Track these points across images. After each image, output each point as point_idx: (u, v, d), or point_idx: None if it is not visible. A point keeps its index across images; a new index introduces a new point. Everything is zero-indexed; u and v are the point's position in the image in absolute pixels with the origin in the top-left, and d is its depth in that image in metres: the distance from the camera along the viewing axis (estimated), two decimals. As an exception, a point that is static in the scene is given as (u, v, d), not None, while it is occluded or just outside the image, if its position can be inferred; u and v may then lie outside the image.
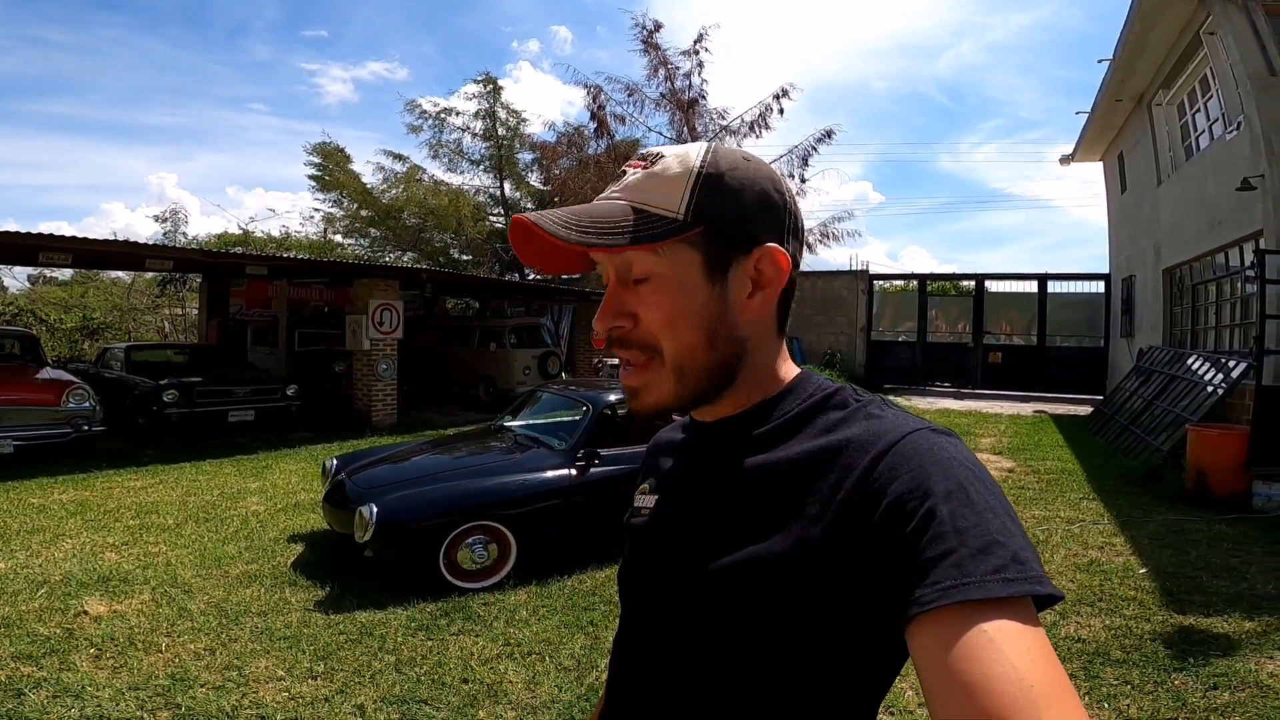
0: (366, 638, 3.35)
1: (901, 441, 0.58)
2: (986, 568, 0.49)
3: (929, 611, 0.49)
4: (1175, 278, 9.55)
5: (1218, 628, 3.54)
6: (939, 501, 0.53)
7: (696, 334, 0.65)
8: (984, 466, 0.58)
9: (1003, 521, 0.52)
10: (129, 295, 18.54)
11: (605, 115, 11.72)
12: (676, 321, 0.64)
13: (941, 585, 0.49)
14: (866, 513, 0.56)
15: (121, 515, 5.38)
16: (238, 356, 11.87)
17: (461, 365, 13.89)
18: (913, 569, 0.51)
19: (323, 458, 8.02)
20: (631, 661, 0.75)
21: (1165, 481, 6.51)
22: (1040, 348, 14.47)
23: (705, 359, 0.66)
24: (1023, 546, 0.51)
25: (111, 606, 3.58)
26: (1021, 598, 0.48)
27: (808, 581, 0.58)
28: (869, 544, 0.55)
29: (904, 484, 0.55)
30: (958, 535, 0.51)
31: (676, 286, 0.64)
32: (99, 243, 7.39)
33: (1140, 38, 7.96)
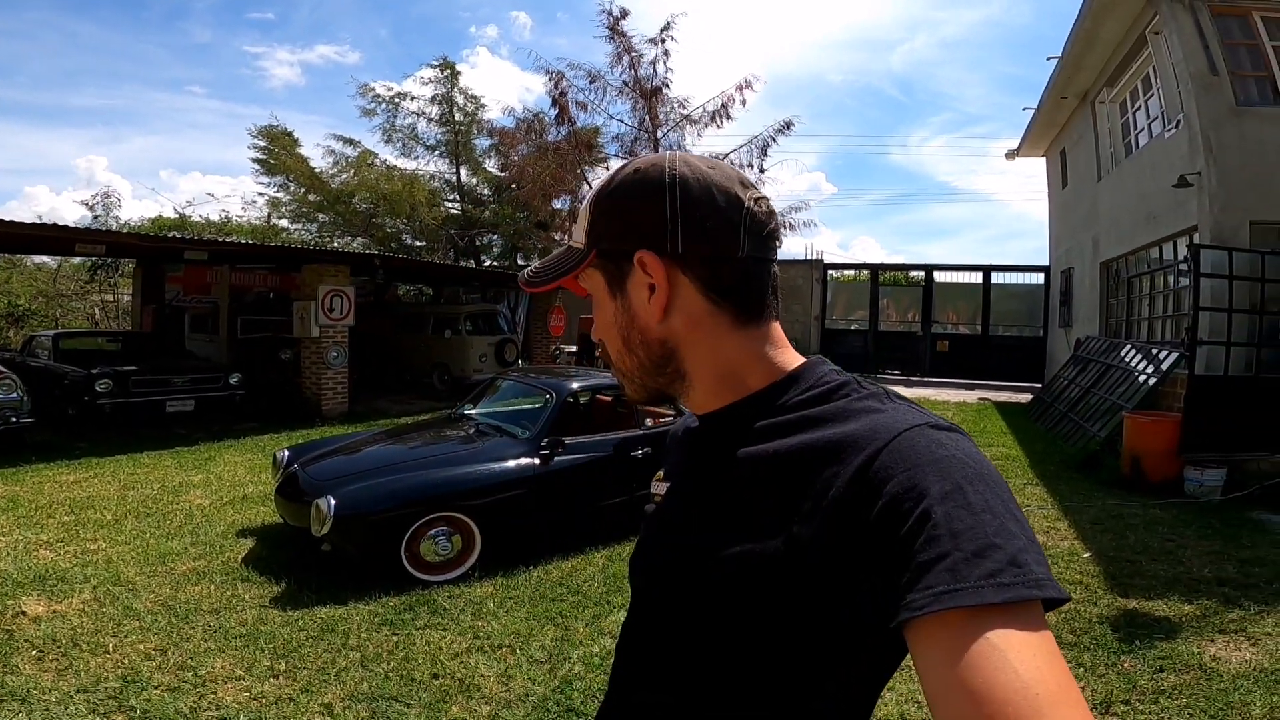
0: (328, 634, 3.24)
1: (899, 438, 0.57)
2: (981, 572, 0.48)
3: (923, 616, 0.48)
4: (1112, 270, 10.00)
5: (1159, 610, 3.71)
6: (934, 502, 0.52)
7: (616, 342, 0.72)
8: (988, 463, 0.57)
9: (1001, 523, 0.51)
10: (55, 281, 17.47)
11: (567, 101, 11.54)
12: (605, 333, 0.73)
13: (934, 590, 0.48)
14: (862, 511, 0.55)
15: (55, 511, 5.08)
16: (175, 344, 11.32)
17: (415, 353, 13.58)
18: (907, 572, 0.50)
19: (271, 449, 7.73)
20: (636, 651, 0.75)
21: (1103, 467, 6.82)
22: (984, 337, 15.00)
23: (628, 362, 0.72)
24: (1023, 548, 0.50)
25: (50, 606, 3.38)
26: (1021, 601, 0.47)
27: (802, 578, 0.58)
28: (864, 543, 0.55)
29: (899, 484, 0.54)
30: (953, 538, 0.50)
31: (598, 304, 0.73)
32: (25, 226, 6.90)
33: (1090, 35, 8.25)
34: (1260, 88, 6.61)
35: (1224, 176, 6.45)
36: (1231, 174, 6.44)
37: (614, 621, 3.52)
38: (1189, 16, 6.46)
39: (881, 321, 16.03)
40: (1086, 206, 10.81)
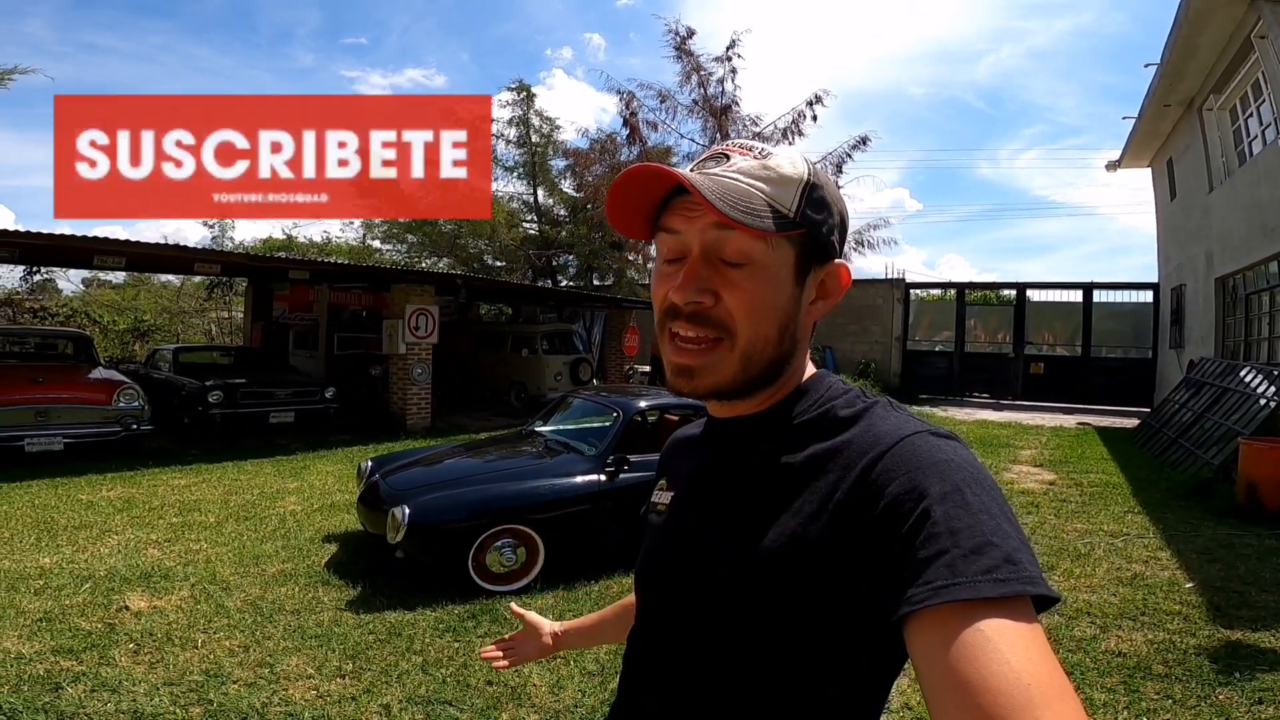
0: (394, 638, 3.39)
1: (900, 444, 0.60)
2: (978, 568, 0.50)
3: (921, 610, 0.50)
4: (1227, 287, 9.19)
5: (1265, 642, 3.39)
6: (934, 503, 0.54)
7: (772, 327, 0.67)
8: (984, 469, 0.58)
9: (997, 523, 0.53)
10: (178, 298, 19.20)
11: (638, 122, 11.76)
12: (759, 311, 0.67)
13: (933, 585, 0.50)
14: (864, 513, 0.58)
15: (165, 512, 5.55)
16: (280, 359, 12.17)
17: (493, 370, 14.04)
18: (907, 569, 0.52)
19: (359, 459, 8.17)
20: (644, 656, 0.77)
21: (1215, 495, 6.26)
22: (1085, 358, 14.04)
23: (772, 352, 0.68)
24: (1017, 548, 0.52)
25: (152, 602, 3.69)
26: (1015, 597, 0.49)
27: (807, 579, 0.60)
28: (866, 543, 0.57)
29: (900, 485, 0.56)
30: (951, 536, 0.52)
31: (770, 278, 0.67)
32: (151, 246, 7.62)
33: (1188, 41, 7.70)
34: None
35: (1353, 184, 5.85)
36: (1362, 181, 5.83)
37: (671, 641, 3.51)
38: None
39: (968, 342, 15.31)
40: (1197, 219, 10.01)
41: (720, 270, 0.67)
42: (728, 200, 0.64)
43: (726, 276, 0.66)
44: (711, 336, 0.67)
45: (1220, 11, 6.88)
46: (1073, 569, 4.56)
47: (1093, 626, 3.68)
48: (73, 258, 9.06)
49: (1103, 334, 14.14)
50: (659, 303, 0.71)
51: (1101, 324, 14.10)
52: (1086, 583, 4.32)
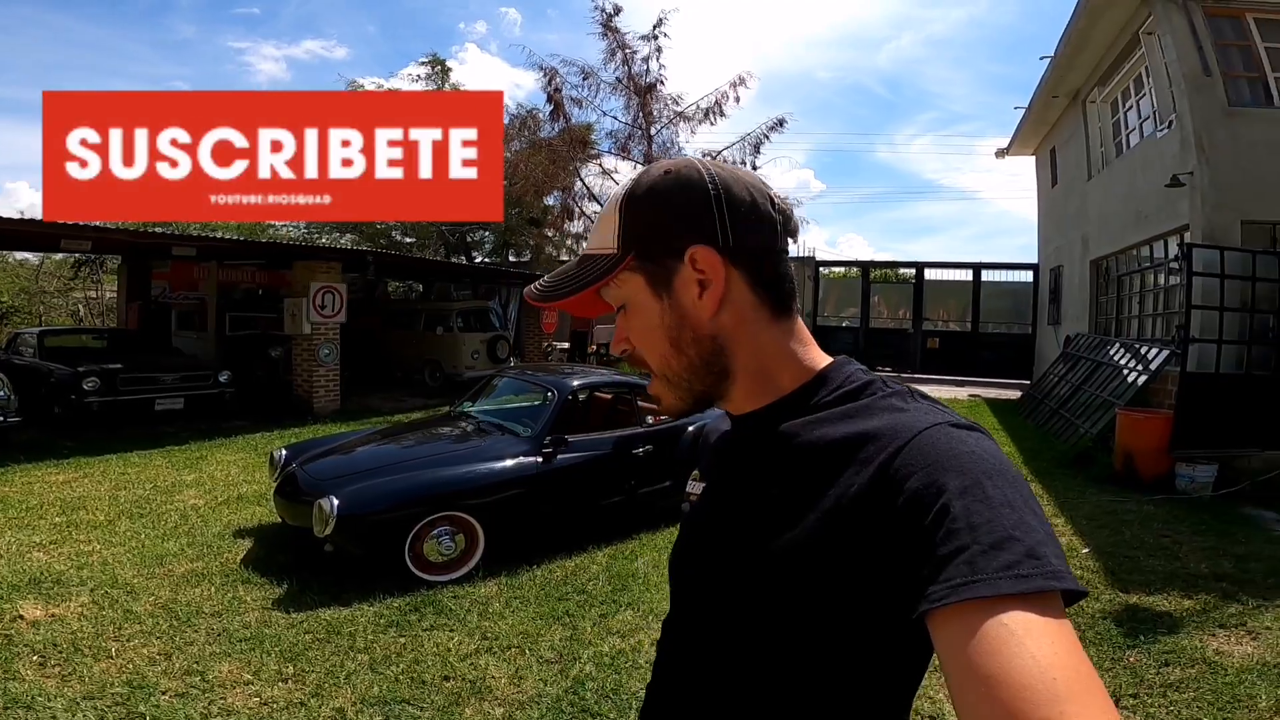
0: (334, 636, 3.21)
1: (919, 436, 0.59)
2: (998, 564, 0.49)
3: (942, 607, 0.49)
4: (1101, 268, 10.10)
5: (1160, 606, 3.75)
6: (953, 497, 0.53)
7: (664, 344, 0.70)
8: (1007, 460, 0.57)
9: (1020, 516, 0.52)
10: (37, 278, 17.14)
11: (562, 98, 11.46)
12: (647, 338, 0.71)
13: (952, 582, 0.49)
14: (883, 508, 0.57)
15: (46, 512, 4.99)
16: (161, 341, 11.16)
17: (405, 349, 13.48)
18: (927, 565, 0.52)
19: (263, 447, 7.66)
20: (675, 645, 0.78)
21: (1095, 464, 6.88)
22: (974, 334, 15.11)
23: (678, 364, 0.70)
24: (1041, 541, 0.51)
25: (48, 610, 3.31)
26: (1038, 593, 0.48)
27: (829, 574, 0.60)
28: (887, 538, 0.56)
29: (920, 479, 0.55)
30: (971, 531, 0.51)
31: (637, 308, 0.71)
32: (11, 222, 6.75)
33: (1083, 34, 8.30)
34: (1252, 89, 6.70)
35: (1216, 176, 6.53)
36: (1223, 174, 6.52)
37: (621, 621, 3.51)
38: (1183, 17, 6.52)
39: (873, 319, 16.11)
40: (1076, 205, 10.91)
41: (623, 317, 0.73)
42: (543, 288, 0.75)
43: (625, 321, 0.73)
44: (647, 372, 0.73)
45: (1116, 5, 7.44)
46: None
47: None
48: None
49: (989, 311, 15.24)
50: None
51: (988, 302, 15.19)
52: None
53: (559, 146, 12.12)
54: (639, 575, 4.14)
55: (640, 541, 4.72)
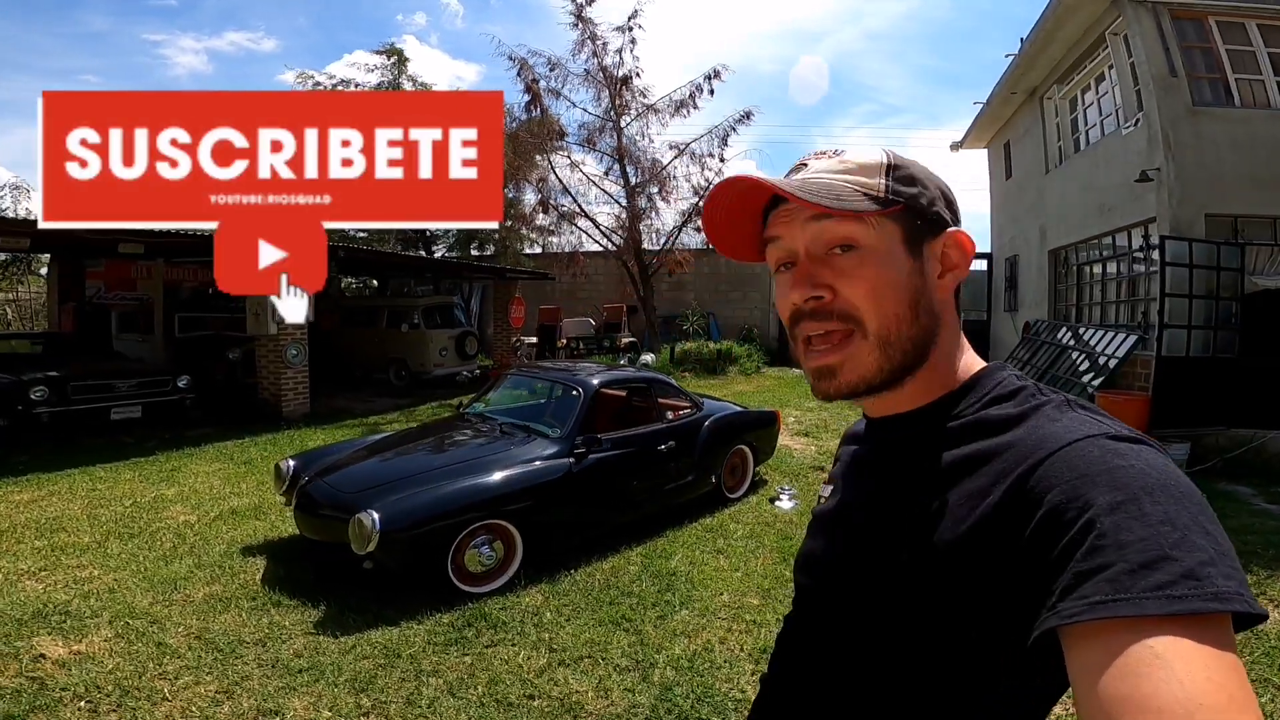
0: (395, 659, 3.04)
1: (1069, 447, 0.55)
2: (1148, 584, 0.45)
3: (1073, 625, 0.46)
4: (1060, 258, 10.58)
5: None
6: (1101, 512, 0.49)
7: (902, 305, 0.65)
8: (1179, 475, 0.53)
9: (1184, 535, 0.48)
10: (-45, 279, 15.68)
11: (539, 88, 11.17)
12: (883, 292, 0.65)
13: (1089, 600, 0.46)
14: (1021, 522, 0.54)
15: (21, 535, 4.57)
16: (102, 345, 10.40)
17: (366, 348, 12.99)
18: (1061, 582, 0.49)
19: (238, 456, 7.24)
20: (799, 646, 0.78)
21: (1075, 443, 7.23)
22: (933, 321, 15.59)
23: (910, 330, 0.66)
24: (1207, 561, 0.46)
25: (70, 647, 3.02)
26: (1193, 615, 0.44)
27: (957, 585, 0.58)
28: (1020, 555, 0.53)
29: (1062, 493, 0.52)
30: (1118, 549, 0.47)
31: (883, 257, 0.66)
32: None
33: (1049, 34, 8.64)
34: (1214, 89, 7.12)
35: (1181, 172, 6.91)
36: (1188, 170, 6.91)
37: (681, 621, 3.47)
38: (1151, 19, 6.85)
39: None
40: (1032, 197, 11.39)
41: (829, 263, 0.66)
42: (813, 193, 0.65)
43: (837, 267, 0.66)
44: (840, 330, 0.66)
45: (1085, 7, 7.76)
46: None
47: None
48: None
49: (947, 299, 15.77)
50: (785, 313, 0.70)
51: (946, 290, 15.71)
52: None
53: (524, 138, 11.85)
54: (679, 573, 4.11)
55: (669, 539, 4.68)
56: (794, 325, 0.69)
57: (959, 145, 14.15)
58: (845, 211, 0.64)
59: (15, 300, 15.88)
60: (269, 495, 5.49)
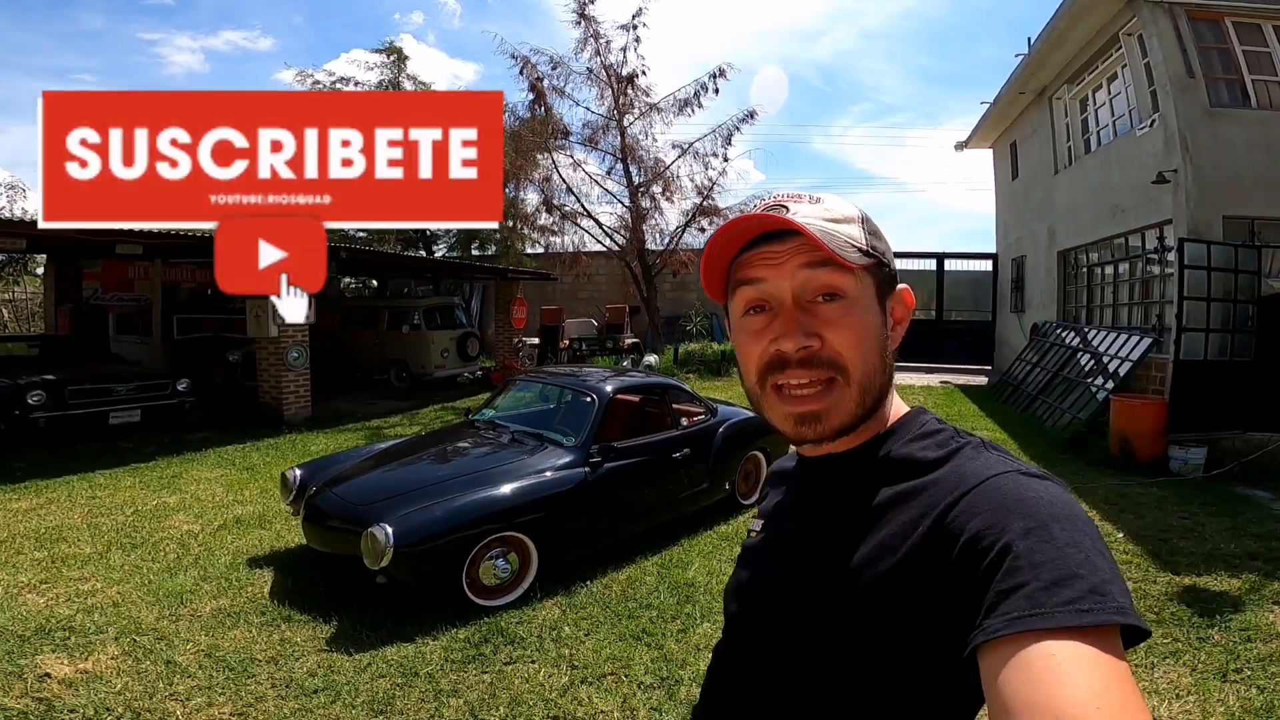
0: (413, 678, 2.94)
1: (986, 483, 0.60)
2: (1059, 600, 0.49)
3: (995, 640, 0.49)
4: (1070, 259, 10.50)
5: (1214, 585, 3.87)
6: (1015, 537, 0.54)
7: (876, 354, 0.69)
8: (1079, 507, 0.58)
9: (1087, 556, 0.52)
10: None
11: (544, 87, 11.04)
12: (866, 342, 0.68)
13: (1009, 615, 0.49)
14: (945, 550, 0.58)
15: (21, 545, 4.45)
16: (100, 348, 10.25)
17: (366, 350, 12.85)
18: (985, 602, 0.52)
19: (240, 461, 7.12)
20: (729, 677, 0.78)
21: (1089, 448, 7.13)
22: (938, 321, 15.55)
23: (880, 380, 0.69)
24: (1106, 580, 0.51)
25: (77, 666, 2.91)
26: (1098, 627, 0.48)
27: (887, 615, 0.61)
28: (946, 581, 0.57)
29: (982, 521, 0.57)
30: (1032, 569, 0.51)
31: (864, 308, 0.68)
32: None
33: (1061, 34, 8.55)
34: (1230, 90, 7.04)
35: (1199, 174, 6.82)
36: (1205, 171, 6.83)
37: (704, 634, 3.36)
38: (1168, 20, 6.77)
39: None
40: (1040, 198, 11.31)
41: (814, 311, 0.68)
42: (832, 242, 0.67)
43: (823, 316, 0.67)
44: (825, 378, 0.67)
45: (1099, 7, 7.67)
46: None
47: None
48: None
49: (952, 299, 15.71)
50: (755, 359, 0.70)
51: (951, 290, 15.66)
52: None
53: (527, 137, 11.73)
54: (698, 584, 4.01)
55: (684, 547, 4.58)
56: (772, 372, 0.68)
57: (964, 145, 14.08)
58: (848, 264, 0.66)
59: (11, 301, 15.69)
60: (273, 503, 5.38)
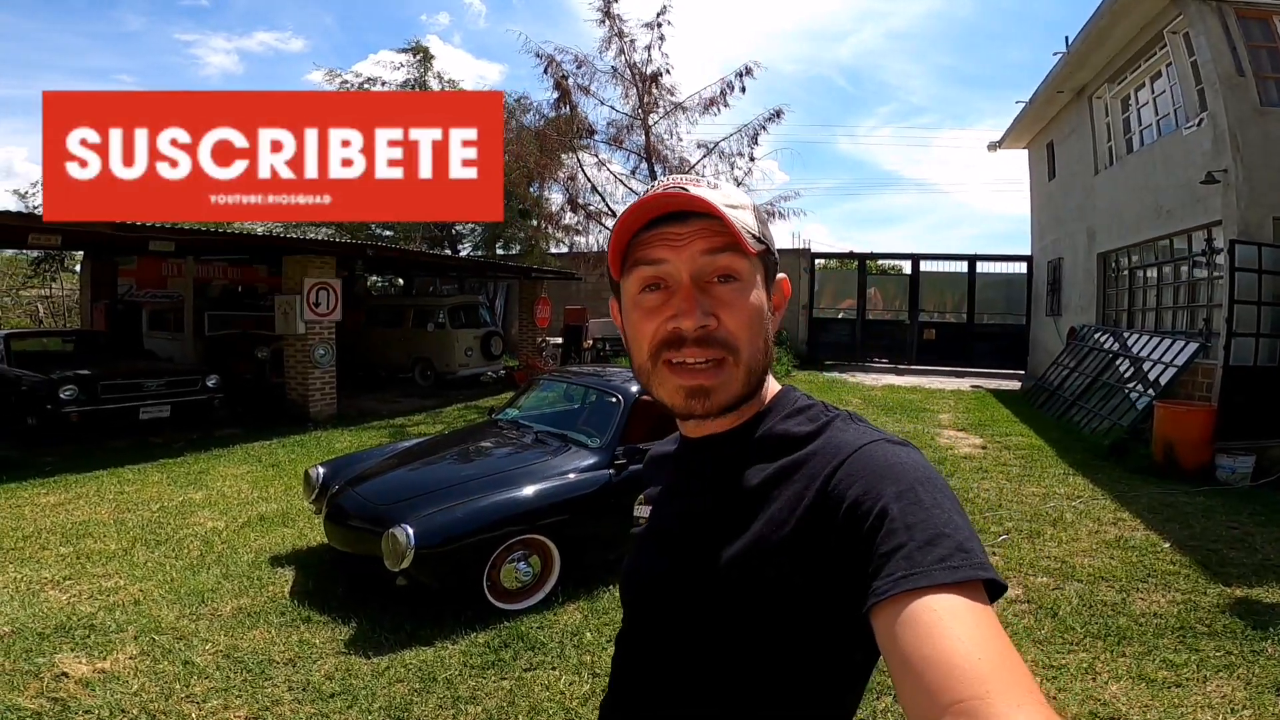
0: (431, 684, 2.87)
1: (858, 452, 0.65)
2: (933, 558, 0.53)
3: (883, 600, 0.53)
4: (1111, 261, 10.16)
5: (1267, 597, 3.68)
6: (890, 501, 0.58)
7: (761, 336, 0.72)
8: (934, 470, 0.63)
9: (949, 516, 0.57)
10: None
11: (569, 85, 10.98)
12: (754, 324, 0.71)
13: (894, 576, 0.53)
14: (829, 516, 0.62)
15: (48, 541, 4.48)
16: (133, 344, 10.43)
17: (391, 348, 12.92)
18: (870, 564, 0.56)
19: (265, 458, 7.15)
20: (633, 661, 0.79)
21: (1131, 455, 6.85)
22: (970, 325, 15.19)
23: (763, 361, 0.73)
24: (968, 538, 0.56)
25: (94, 665, 2.88)
26: (968, 582, 0.52)
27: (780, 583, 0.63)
28: (833, 545, 0.61)
29: (860, 488, 0.61)
30: (907, 530, 0.55)
31: (755, 292, 0.71)
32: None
33: (1103, 32, 8.26)
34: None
35: (1249, 174, 6.53)
36: (1256, 171, 6.53)
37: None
38: (1216, 18, 6.49)
39: (869, 310, 16.06)
40: (1079, 198, 10.97)
41: (710, 291, 0.70)
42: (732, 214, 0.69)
43: (718, 296, 0.69)
44: (718, 357, 0.69)
45: (1143, 5, 7.40)
46: (1058, 534, 4.77)
47: (1112, 590, 3.83)
48: None
49: (984, 302, 15.34)
50: (649, 335, 0.71)
51: (983, 293, 15.29)
52: (1079, 547, 4.53)
53: (551, 136, 11.67)
54: (724, 595, 3.88)
55: (710, 556, 4.46)
56: (667, 349, 0.70)
57: (997, 145, 13.75)
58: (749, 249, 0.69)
59: (49, 297, 16.07)
60: (297, 500, 5.37)
